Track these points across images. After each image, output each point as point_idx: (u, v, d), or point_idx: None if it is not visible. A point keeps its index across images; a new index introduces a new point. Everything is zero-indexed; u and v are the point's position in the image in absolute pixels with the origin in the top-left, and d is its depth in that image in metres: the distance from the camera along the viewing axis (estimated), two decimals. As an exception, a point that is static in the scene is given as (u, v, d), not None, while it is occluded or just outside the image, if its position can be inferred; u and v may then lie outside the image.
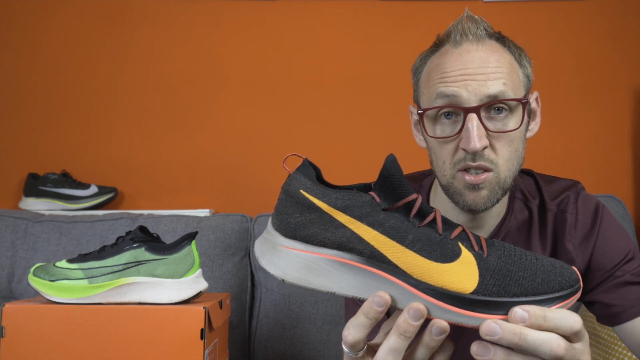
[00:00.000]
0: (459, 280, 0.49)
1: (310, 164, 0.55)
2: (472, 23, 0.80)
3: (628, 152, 1.82)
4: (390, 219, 0.51)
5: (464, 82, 0.76)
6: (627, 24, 1.83)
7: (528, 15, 1.82)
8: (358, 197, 0.51)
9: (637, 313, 0.83)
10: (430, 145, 0.83)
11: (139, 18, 1.84)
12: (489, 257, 0.51)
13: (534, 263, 0.51)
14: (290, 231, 0.52)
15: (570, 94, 1.82)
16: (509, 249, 0.52)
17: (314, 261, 0.51)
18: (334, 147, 1.82)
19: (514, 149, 0.79)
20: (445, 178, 0.81)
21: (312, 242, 0.51)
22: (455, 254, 0.50)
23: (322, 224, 0.51)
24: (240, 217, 1.52)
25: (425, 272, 0.50)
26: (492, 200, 0.79)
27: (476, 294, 0.49)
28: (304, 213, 0.52)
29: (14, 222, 1.46)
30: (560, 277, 0.50)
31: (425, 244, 0.50)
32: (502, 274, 0.50)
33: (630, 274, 0.85)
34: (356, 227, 0.51)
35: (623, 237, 0.88)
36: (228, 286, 1.43)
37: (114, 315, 0.86)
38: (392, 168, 0.51)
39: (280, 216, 0.53)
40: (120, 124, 1.82)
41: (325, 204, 0.51)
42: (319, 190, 0.52)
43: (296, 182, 0.53)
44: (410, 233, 0.50)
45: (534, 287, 0.49)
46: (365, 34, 1.85)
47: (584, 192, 0.91)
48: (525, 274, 0.50)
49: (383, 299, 0.49)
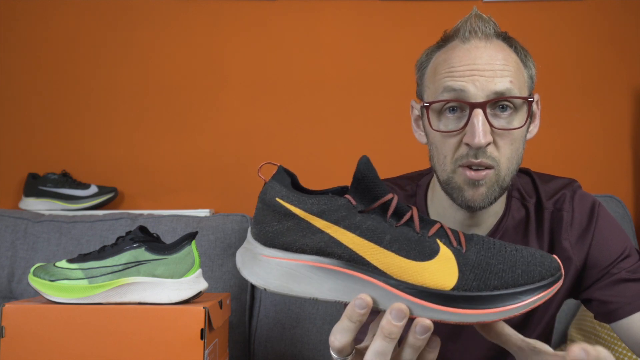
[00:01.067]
0: (438, 278, 0.49)
1: (285, 170, 0.56)
2: (481, 21, 0.80)
3: (628, 152, 1.82)
4: (367, 221, 0.51)
5: (471, 77, 0.77)
6: (627, 24, 1.83)
7: (528, 15, 1.82)
8: (334, 201, 0.51)
9: (634, 310, 0.83)
10: (432, 140, 0.83)
11: (139, 18, 1.84)
12: (467, 252, 0.51)
13: (514, 255, 0.51)
14: (269, 240, 0.52)
15: (570, 94, 1.82)
16: (488, 242, 0.52)
17: (294, 268, 0.51)
18: (333, 147, 1.82)
19: (515, 148, 0.79)
20: (445, 173, 0.81)
21: (291, 249, 0.52)
22: (434, 251, 0.50)
23: (300, 231, 0.51)
24: (240, 217, 1.52)
25: (404, 272, 0.50)
26: (490, 197, 0.79)
27: (457, 289, 0.49)
28: (282, 221, 0.52)
29: (14, 222, 1.46)
30: (541, 267, 0.50)
31: (403, 243, 0.50)
32: (481, 268, 0.50)
33: (627, 271, 0.86)
34: (333, 231, 0.51)
35: (619, 234, 0.89)
36: (228, 286, 1.43)
37: (114, 315, 0.86)
38: (365, 170, 0.51)
39: (259, 225, 0.53)
40: (120, 124, 1.82)
41: (302, 210, 0.52)
42: (294, 197, 0.52)
43: (272, 191, 0.53)
44: (387, 233, 0.51)
45: (514, 279, 0.49)
46: (365, 34, 1.85)
47: (580, 190, 0.91)
48: (505, 266, 0.50)
49: (364, 301, 0.49)
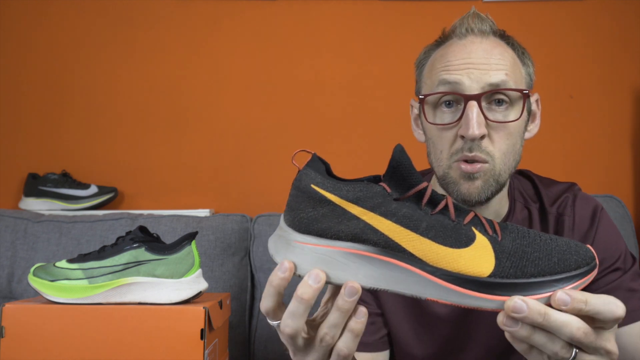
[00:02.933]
0: (475, 265, 0.49)
1: (319, 158, 0.55)
2: (478, 19, 0.81)
3: (628, 152, 1.82)
4: (402, 208, 0.51)
5: (467, 70, 0.77)
6: (627, 23, 1.83)
7: (528, 15, 1.82)
8: (369, 188, 0.51)
9: (627, 321, 0.83)
10: (429, 135, 0.84)
11: (139, 18, 1.84)
12: (503, 240, 0.51)
13: (549, 243, 0.51)
14: (304, 226, 0.52)
15: (571, 93, 1.82)
16: (522, 231, 0.52)
17: (330, 254, 0.51)
18: (333, 147, 1.82)
19: (511, 143, 0.79)
20: (441, 168, 0.81)
21: (326, 235, 0.51)
22: (470, 238, 0.50)
23: (335, 217, 0.51)
24: (240, 217, 1.52)
25: (441, 259, 0.50)
26: (485, 192, 0.79)
27: (493, 276, 0.49)
28: (316, 207, 0.52)
29: (14, 222, 1.46)
30: (576, 256, 0.50)
31: (439, 230, 0.50)
32: (518, 255, 0.50)
33: (621, 279, 0.86)
34: (369, 217, 0.51)
35: (618, 240, 0.89)
36: (228, 286, 1.43)
37: (114, 315, 0.86)
38: (401, 158, 0.52)
39: (293, 212, 0.53)
40: (121, 124, 1.82)
41: (337, 197, 0.51)
42: (329, 184, 0.52)
43: (306, 177, 0.53)
44: (423, 221, 0.51)
45: (550, 267, 0.49)
46: (365, 34, 1.85)
47: (581, 193, 0.91)
48: (541, 254, 0.50)
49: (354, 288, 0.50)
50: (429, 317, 0.89)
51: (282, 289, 0.52)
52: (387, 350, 0.93)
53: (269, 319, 0.55)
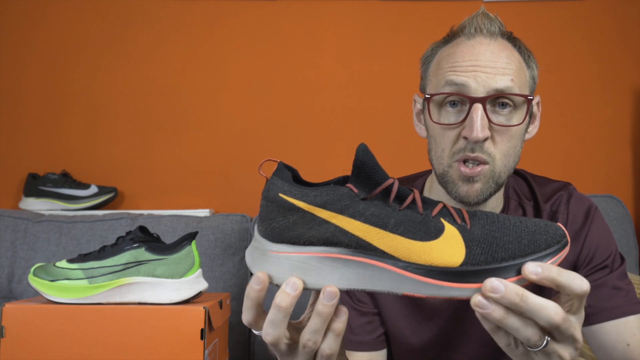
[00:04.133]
0: (446, 255, 0.50)
1: (286, 166, 0.56)
2: (487, 19, 0.81)
3: (628, 152, 1.82)
4: (370, 208, 0.51)
5: (474, 72, 0.78)
6: (627, 23, 1.83)
7: (528, 15, 1.82)
8: (336, 191, 0.52)
9: (609, 317, 0.84)
10: (432, 133, 0.84)
11: (139, 18, 1.84)
12: (472, 227, 0.51)
13: (518, 226, 0.51)
14: (276, 235, 0.53)
15: (571, 93, 1.82)
16: (491, 216, 0.53)
17: (304, 261, 0.52)
18: (333, 147, 1.82)
19: (512, 146, 0.80)
20: (441, 166, 0.82)
21: (299, 242, 0.52)
22: (439, 230, 0.51)
23: (305, 223, 0.52)
24: (240, 217, 1.52)
25: (412, 253, 0.50)
26: (484, 193, 0.80)
27: (465, 265, 0.49)
28: (286, 215, 0.52)
29: (14, 222, 1.46)
30: (546, 235, 0.51)
31: (408, 225, 0.51)
32: (487, 241, 0.50)
33: (608, 277, 0.87)
34: (338, 220, 0.51)
35: (609, 240, 0.90)
36: (228, 286, 1.43)
37: (114, 315, 0.86)
38: (364, 157, 0.52)
39: (265, 222, 0.54)
40: (121, 124, 1.82)
41: (305, 203, 0.52)
42: (297, 191, 0.53)
43: (274, 187, 0.54)
44: (391, 217, 0.51)
45: (520, 249, 0.50)
46: (365, 34, 1.85)
47: (576, 192, 0.92)
48: (511, 238, 0.50)
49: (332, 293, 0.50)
50: (425, 312, 0.90)
51: (260, 300, 0.52)
52: (385, 349, 0.94)
53: (253, 330, 0.55)
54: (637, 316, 0.85)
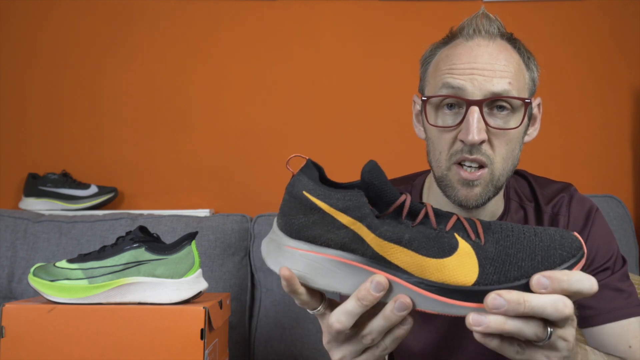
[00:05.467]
0: (459, 274, 0.50)
1: (314, 164, 0.56)
2: (486, 20, 0.81)
3: (628, 152, 1.82)
4: (383, 225, 0.51)
5: (471, 75, 0.77)
6: (627, 23, 1.83)
7: (528, 15, 1.82)
8: (358, 198, 0.52)
9: (610, 319, 0.84)
10: (429, 135, 0.84)
11: (139, 18, 1.84)
12: (486, 244, 0.51)
13: (532, 240, 0.51)
14: (295, 232, 0.53)
15: (571, 93, 1.82)
16: (506, 229, 0.52)
17: (319, 261, 0.52)
18: (334, 147, 1.82)
19: (510, 149, 0.80)
20: (440, 169, 0.82)
21: (316, 242, 0.52)
22: (452, 247, 0.50)
23: (325, 225, 0.52)
24: (240, 217, 1.52)
25: (425, 270, 0.50)
26: (483, 197, 0.80)
27: (477, 284, 0.49)
28: (307, 214, 0.53)
29: (14, 222, 1.46)
30: (561, 250, 0.50)
31: (422, 241, 0.51)
32: (500, 260, 0.50)
33: (610, 279, 0.87)
34: (357, 227, 0.51)
35: (610, 241, 0.90)
36: (228, 286, 1.43)
37: (114, 315, 0.86)
38: (370, 178, 0.52)
39: (285, 217, 0.54)
40: (120, 124, 1.82)
41: (327, 205, 0.52)
42: (320, 192, 0.53)
43: (299, 184, 0.54)
44: (405, 233, 0.51)
45: (533, 267, 0.49)
46: (365, 34, 1.85)
47: (577, 194, 0.92)
48: (524, 255, 0.50)
49: (381, 284, 0.50)
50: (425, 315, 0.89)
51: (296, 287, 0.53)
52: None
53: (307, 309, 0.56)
54: (639, 318, 0.85)
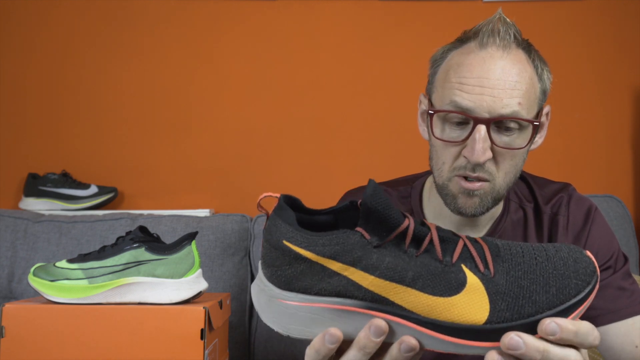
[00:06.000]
0: (469, 312, 0.46)
1: (287, 200, 0.52)
2: (503, 26, 0.78)
3: (628, 152, 1.82)
4: (385, 258, 0.47)
5: (480, 95, 0.75)
6: (628, 23, 1.83)
7: (528, 15, 1.82)
8: (346, 240, 0.47)
9: (615, 319, 0.84)
10: (434, 143, 0.83)
11: (139, 18, 1.84)
12: (496, 275, 0.47)
13: (545, 267, 0.47)
14: (284, 284, 0.49)
15: (570, 93, 1.82)
16: (516, 255, 0.49)
17: (315, 312, 0.49)
18: (334, 147, 1.82)
19: (514, 164, 0.80)
20: (441, 179, 0.81)
21: (309, 292, 0.49)
22: (461, 283, 0.47)
23: (315, 274, 0.48)
24: (240, 217, 1.52)
25: (432, 310, 0.47)
26: (482, 207, 0.80)
27: (489, 323, 0.46)
28: (293, 264, 0.48)
29: (14, 222, 1.46)
30: (576, 279, 0.47)
31: (427, 278, 0.47)
32: (513, 293, 0.46)
33: (612, 277, 0.86)
34: (350, 273, 0.47)
35: (611, 240, 0.89)
36: (228, 286, 1.43)
37: (114, 315, 0.86)
38: (373, 202, 0.47)
39: (269, 268, 0.50)
40: (120, 124, 1.82)
41: (313, 254, 0.48)
42: (302, 239, 0.48)
43: (276, 231, 0.49)
44: (409, 270, 0.47)
45: (548, 300, 0.46)
46: (365, 34, 1.85)
47: (576, 193, 0.92)
48: (538, 287, 0.46)
49: (380, 328, 0.47)
50: None
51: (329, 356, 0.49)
52: None
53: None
54: None
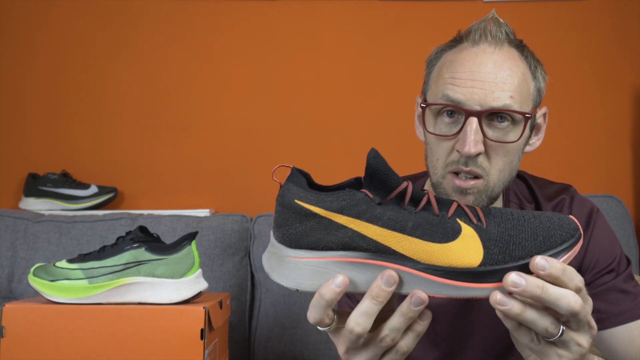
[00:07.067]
0: (464, 256, 0.51)
1: (299, 171, 0.57)
2: (495, 24, 0.79)
3: (628, 152, 1.82)
4: (386, 212, 0.52)
5: (471, 88, 0.76)
6: (628, 23, 1.83)
7: (528, 15, 1.82)
8: (352, 196, 0.52)
9: (620, 322, 0.83)
10: (428, 141, 0.83)
11: (139, 18, 1.84)
12: (488, 226, 0.52)
13: (532, 222, 0.52)
14: (294, 241, 0.53)
15: (570, 93, 1.82)
16: (506, 213, 0.54)
17: (323, 266, 0.53)
18: (334, 147, 1.82)
19: (508, 160, 0.79)
20: (435, 176, 0.81)
21: (317, 247, 0.53)
22: (456, 231, 0.52)
23: (323, 229, 0.52)
24: (240, 217, 1.52)
25: (430, 255, 0.51)
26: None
27: (483, 265, 0.50)
28: (303, 221, 0.53)
29: (14, 222, 1.46)
30: (560, 230, 0.52)
31: (426, 227, 0.52)
32: (504, 240, 0.51)
33: (617, 281, 0.86)
34: (356, 225, 0.52)
35: (613, 242, 0.89)
36: (228, 286, 1.43)
37: (114, 315, 0.86)
38: (376, 163, 0.53)
39: (281, 228, 0.54)
40: (120, 124, 1.82)
41: (322, 209, 0.52)
42: (312, 197, 0.53)
43: (289, 193, 0.54)
44: (409, 220, 0.52)
45: (537, 246, 0.51)
46: (365, 34, 1.85)
47: (578, 195, 0.92)
48: (527, 235, 0.51)
49: (392, 277, 0.51)
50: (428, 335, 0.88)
51: (333, 302, 0.52)
52: None
53: (319, 327, 0.55)
54: None
